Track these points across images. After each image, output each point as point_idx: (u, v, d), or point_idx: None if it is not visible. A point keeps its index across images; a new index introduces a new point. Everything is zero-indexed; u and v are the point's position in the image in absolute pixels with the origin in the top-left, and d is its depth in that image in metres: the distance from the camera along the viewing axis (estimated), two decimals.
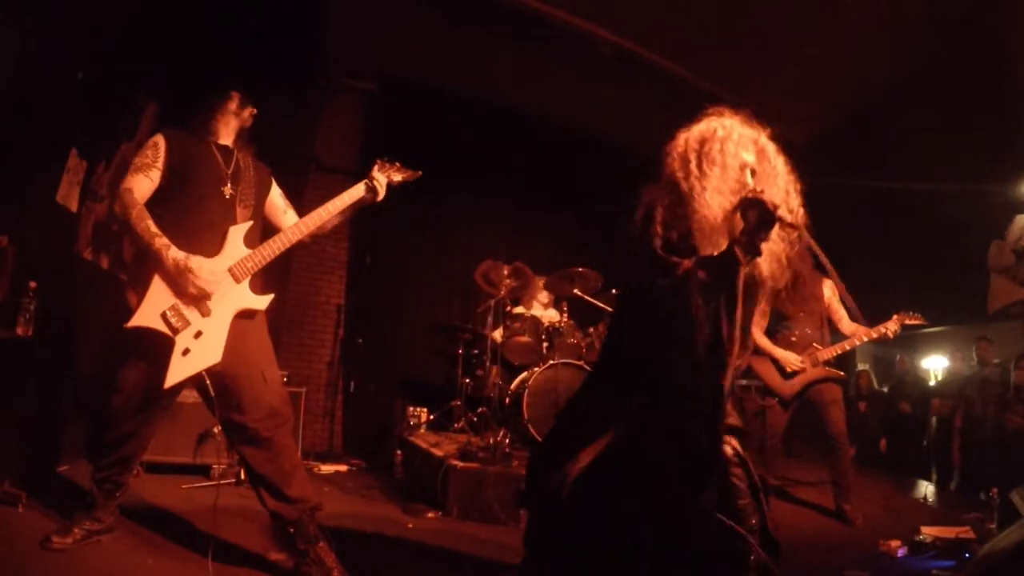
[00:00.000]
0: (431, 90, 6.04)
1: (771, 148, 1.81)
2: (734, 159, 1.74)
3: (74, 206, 3.38)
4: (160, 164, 2.24)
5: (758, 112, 1.87)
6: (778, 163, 1.81)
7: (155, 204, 2.20)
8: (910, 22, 4.64)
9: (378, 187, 2.48)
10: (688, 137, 1.82)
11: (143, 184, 2.21)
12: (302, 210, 2.58)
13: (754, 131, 1.81)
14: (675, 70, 5.50)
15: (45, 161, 3.14)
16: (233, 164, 2.35)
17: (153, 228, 2.11)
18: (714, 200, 1.71)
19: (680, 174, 1.76)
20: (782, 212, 1.56)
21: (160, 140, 2.27)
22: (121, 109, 3.82)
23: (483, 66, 5.79)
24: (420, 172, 2.64)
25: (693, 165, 1.75)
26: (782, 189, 1.80)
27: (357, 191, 2.46)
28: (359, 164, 5.94)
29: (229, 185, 2.29)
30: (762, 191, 1.59)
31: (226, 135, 2.40)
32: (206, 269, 2.14)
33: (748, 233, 1.59)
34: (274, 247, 2.29)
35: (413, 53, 5.68)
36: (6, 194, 2.73)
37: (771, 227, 1.57)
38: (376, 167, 2.53)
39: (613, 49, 5.31)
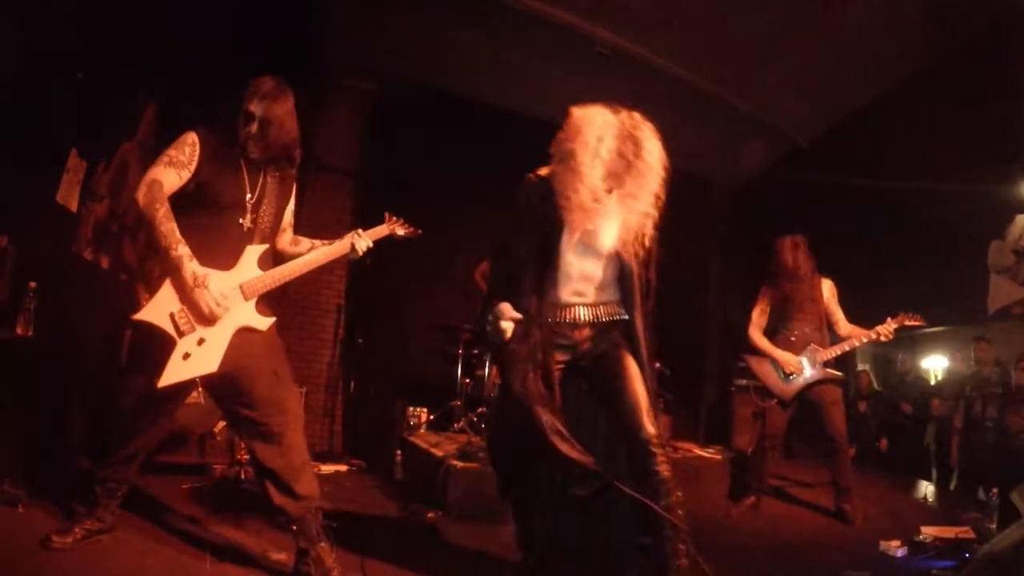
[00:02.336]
0: (431, 90, 6.04)
1: (644, 138, 2.09)
2: (599, 157, 2.06)
3: (74, 206, 3.38)
4: (193, 167, 2.16)
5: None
6: (649, 154, 2.08)
7: (176, 208, 2.13)
8: (909, 22, 4.64)
9: (360, 248, 2.51)
10: (569, 126, 2.17)
11: (172, 180, 2.13)
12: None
13: (628, 125, 2.10)
14: (673, 70, 5.51)
15: (45, 161, 3.14)
16: (259, 188, 2.27)
17: (178, 233, 2.07)
18: (581, 186, 2.05)
19: (560, 155, 2.15)
20: (625, 203, 2.09)
21: (196, 140, 2.17)
22: (121, 109, 3.82)
23: (483, 66, 5.79)
24: (420, 231, 2.80)
25: (563, 155, 2.13)
26: (648, 179, 2.08)
27: (344, 247, 2.48)
28: (359, 164, 5.94)
29: (249, 216, 2.24)
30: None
31: (256, 149, 2.25)
32: (220, 289, 2.14)
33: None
34: (285, 272, 2.30)
35: (413, 53, 5.68)
36: (6, 194, 2.74)
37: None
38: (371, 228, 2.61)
39: (613, 49, 5.31)
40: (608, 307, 2.32)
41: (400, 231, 2.68)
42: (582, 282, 2.30)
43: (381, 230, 2.61)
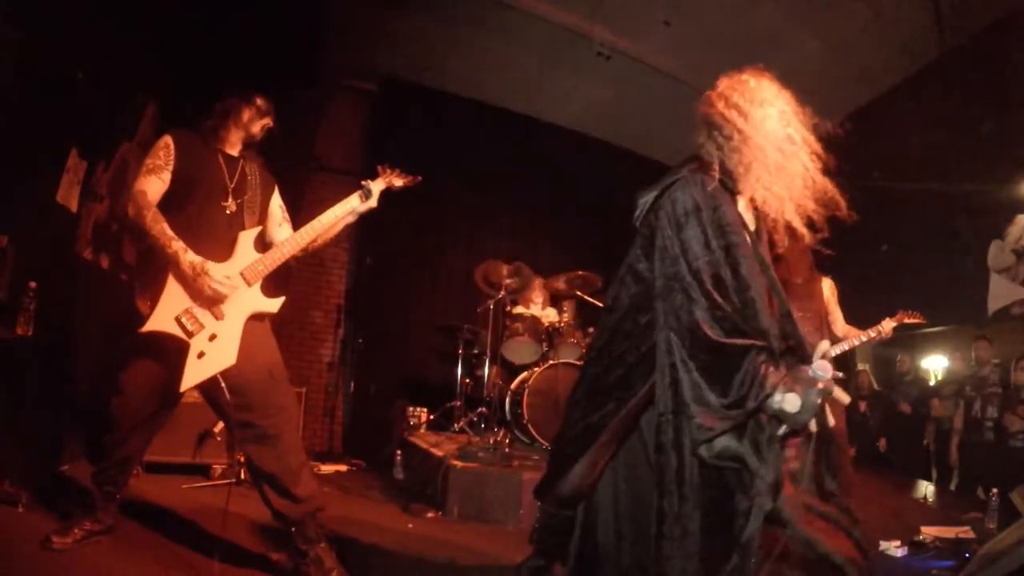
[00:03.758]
0: (431, 90, 6.05)
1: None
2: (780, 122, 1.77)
3: (74, 206, 3.38)
4: (171, 167, 2.23)
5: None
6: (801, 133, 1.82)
7: (162, 208, 2.19)
8: (910, 21, 4.64)
9: (373, 191, 2.48)
10: (751, 88, 1.82)
11: (155, 186, 2.21)
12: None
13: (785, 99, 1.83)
14: (673, 70, 5.51)
15: (45, 161, 3.14)
16: (237, 176, 2.34)
17: (169, 231, 2.12)
18: (770, 147, 1.71)
19: (737, 120, 1.76)
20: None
21: (170, 142, 2.26)
22: (121, 109, 3.82)
23: (483, 66, 5.79)
24: (420, 177, 2.65)
25: (751, 117, 1.75)
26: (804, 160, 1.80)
27: (352, 200, 2.46)
28: (359, 164, 5.94)
29: (231, 199, 2.29)
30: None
31: (234, 144, 2.39)
32: (221, 273, 2.16)
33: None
34: (284, 250, 2.31)
35: (413, 53, 5.68)
36: (6, 194, 2.73)
37: None
38: (377, 176, 2.55)
39: (613, 49, 5.31)
40: None
41: (398, 181, 2.58)
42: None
43: (378, 184, 2.53)
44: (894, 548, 3.14)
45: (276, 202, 2.49)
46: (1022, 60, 4.48)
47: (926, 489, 5.43)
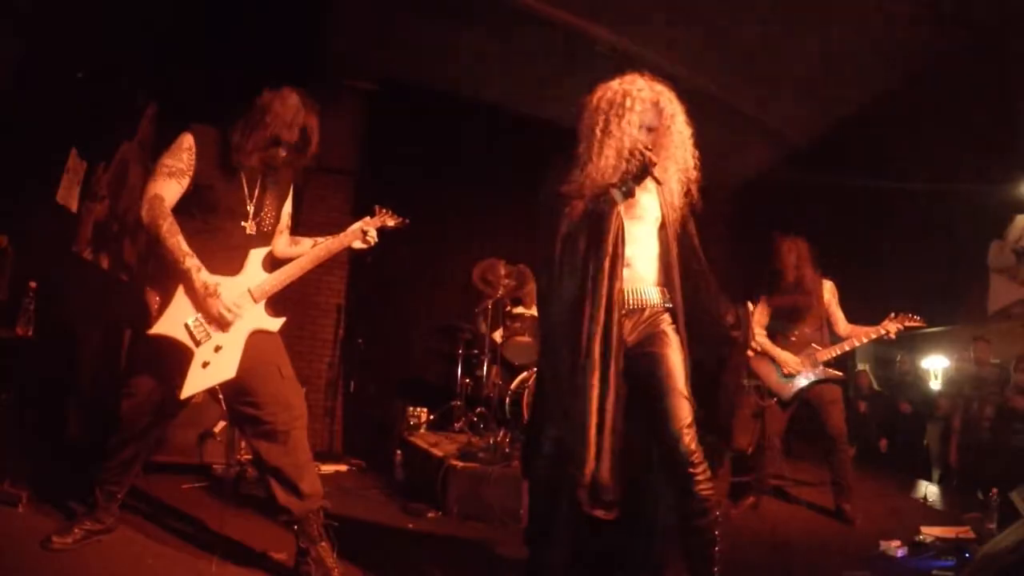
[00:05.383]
0: (432, 90, 6.04)
1: (672, 109, 2.13)
2: (633, 124, 2.04)
3: (74, 206, 3.38)
4: (191, 172, 2.15)
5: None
6: (677, 123, 2.12)
7: (176, 213, 2.13)
8: (909, 21, 4.64)
9: (370, 239, 2.56)
10: (599, 99, 2.15)
11: (173, 190, 2.13)
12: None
13: (656, 94, 2.12)
14: (674, 71, 5.50)
15: (45, 161, 3.14)
16: (257, 193, 2.27)
17: (184, 246, 2.08)
18: (610, 156, 2.00)
19: (587, 130, 2.09)
20: (658, 171, 1.93)
21: (192, 145, 2.16)
22: (121, 109, 3.83)
23: (483, 66, 5.79)
24: (408, 221, 2.76)
25: (599, 126, 2.07)
26: (679, 146, 2.12)
27: (354, 240, 2.52)
28: (358, 164, 5.94)
29: (251, 221, 2.26)
30: (646, 148, 1.91)
31: (257, 150, 2.22)
32: (231, 296, 2.16)
33: (624, 179, 1.94)
34: (292, 271, 2.32)
35: (414, 53, 5.68)
36: (6, 194, 2.74)
37: (644, 177, 1.92)
38: (370, 216, 2.61)
39: (613, 49, 5.31)
40: (655, 290, 2.14)
41: (390, 222, 2.68)
42: (630, 262, 2.08)
43: (375, 222, 2.61)
44: (894, 548, 3.14)
45: (287, 208, 2.47)
46: (1022, 59, 4.49)
47: (926, 489, 5.43)
